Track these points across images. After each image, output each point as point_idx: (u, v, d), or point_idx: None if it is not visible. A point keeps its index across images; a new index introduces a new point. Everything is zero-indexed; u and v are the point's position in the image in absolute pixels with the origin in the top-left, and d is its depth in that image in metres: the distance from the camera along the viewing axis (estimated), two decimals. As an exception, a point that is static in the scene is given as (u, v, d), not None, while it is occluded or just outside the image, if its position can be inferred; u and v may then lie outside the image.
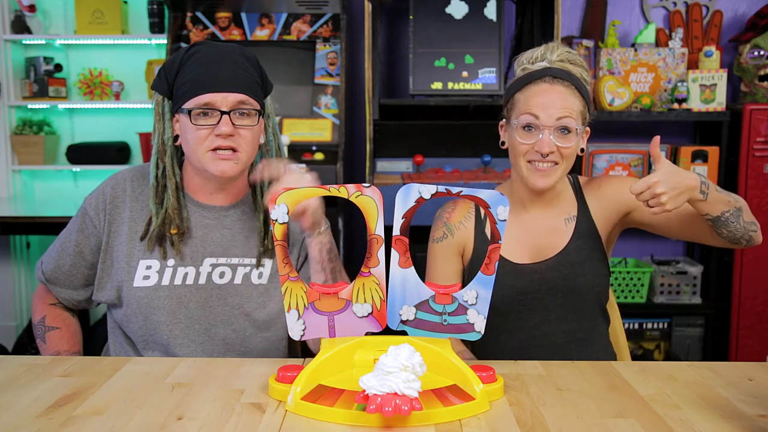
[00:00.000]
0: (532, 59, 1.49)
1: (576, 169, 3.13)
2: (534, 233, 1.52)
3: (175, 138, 1.42)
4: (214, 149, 1.36)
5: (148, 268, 1.41)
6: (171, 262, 1.42)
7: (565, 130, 1.42)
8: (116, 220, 1.44)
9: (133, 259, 1.41)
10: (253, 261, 1.46)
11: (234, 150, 1.37)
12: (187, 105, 1.36)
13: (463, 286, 1.19)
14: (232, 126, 1.36)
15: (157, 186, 1.42)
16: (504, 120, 1.52)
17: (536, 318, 1.50)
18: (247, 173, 1.47)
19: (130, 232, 1.43)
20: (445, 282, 1.51)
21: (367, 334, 1.20)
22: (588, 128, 1.50)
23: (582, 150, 1.49)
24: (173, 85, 1.39)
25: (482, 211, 1.56)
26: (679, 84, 3.00)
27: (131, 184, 1.46)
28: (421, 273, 1.27)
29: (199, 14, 3.15)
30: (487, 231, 1.54)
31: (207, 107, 1.35)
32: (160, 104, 1.41)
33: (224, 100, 1.35)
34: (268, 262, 1.47)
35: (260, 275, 1.46)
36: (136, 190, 1.45)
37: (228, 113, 1.35)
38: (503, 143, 1.52)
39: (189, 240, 1.43)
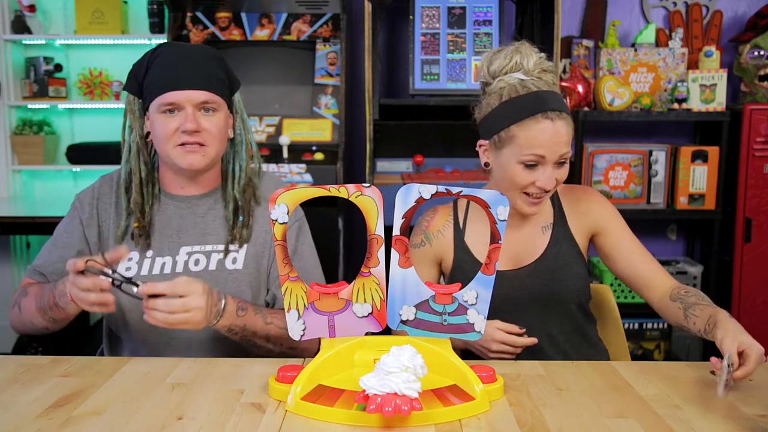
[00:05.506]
0: (506, 68, 1.43)
1: (576, 169, 3.13)
2: (511, 241, 1.52)
3: (147, 135, 1.48)
4: (182, 144, 1.42)
5: (129, 260, 1.46)
6: (150, 253, 1.47)
7: (564, 162, 1.43)
8: (103, 215, 1.50)
9: None
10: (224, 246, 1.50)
11: (201, 144, 1.43)
12: (155, 103, 1.43)
13: None
14: (196, 123, 1.41)
15: (129, 183, 1.48)
16: (488, 142, 1.46)
17: (519, 324, 1.50)
18: (219, 166, 1.53)
19: (114, 226, 1.49)
20: None
21: (367, 334, 1.20)
22: None
23: None
24: (142, 84, 1.45)
25: (461, 220, 1.56)
26: (679, 84, 3.00)
27: (117, 182, 1.52)
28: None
29: (199, 14, 3.14)
30: (467, 239, 1.55)
31: (172, 107, 1.41)
32: (132, 103, 1.47)
33: (188, 98, 1.41)
34: (242, 250, 1.50)
35: (234, 261, 1.49)
36: (121, 187, 1.51)
37: (191, 111, 1.41)
38: (487, 164, 1.49)
39: (165, 231, 1.48)
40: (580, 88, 3.01)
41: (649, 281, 1.47)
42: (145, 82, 1.44)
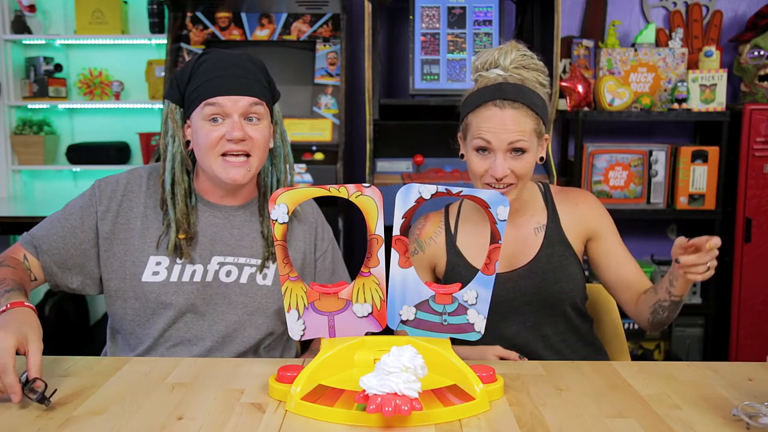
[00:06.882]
0: (486, 64, 1.47)
1: (576, 169, 3.13)
2: (504, 243, 1.51)
3: (186, 144, 1.45)
4: (224, 154, 1.39)
5: (158, 264, 1.43)
6: (180, 259, 1.44)
7: (519, 151, 1.43)
8: (126, 213, 1.45)
9: (144, 255, 1.43)
10: (260, 262, 1.48)
11: (247, 155, 1.40)
12: (199, 109, 1.39)
13: None
14: (243, 131, 1.38)
15: (173, 193, 1.44)
16: (461, 133, 1.52)
17: (514, 327, 1.51)
18: (257, 178, 1.51)
19: (143, 227, 1.45)
20: None
21: (367, 334, 1.20)
22: (547, 136, 1.50)
23: (542, 159, 1.50)
24: (185, 92, 1.42)
25: (452, 224, 1.57)
26: (679, 84, 3.00)
27: (147, 181, 1.49)
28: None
29: (199, 14, 3.14)
30: (459, 244, 1.55)
31: (218, 113, 1.38)
32: (174, 112, 1.44)
33: (235, 104, 1.38)
34: (273, 266, 1.49)
35: (265, 276, 1.48)
36: (151, 187, 1.48)
37: (238, 119, 1.38)
38: (462, 155, 1.53)
39: (199, 239, 1.46)
40: (580, 88, 3.01)
41: (633, 284, 1.52)
42: (188, 89, 1.41)
